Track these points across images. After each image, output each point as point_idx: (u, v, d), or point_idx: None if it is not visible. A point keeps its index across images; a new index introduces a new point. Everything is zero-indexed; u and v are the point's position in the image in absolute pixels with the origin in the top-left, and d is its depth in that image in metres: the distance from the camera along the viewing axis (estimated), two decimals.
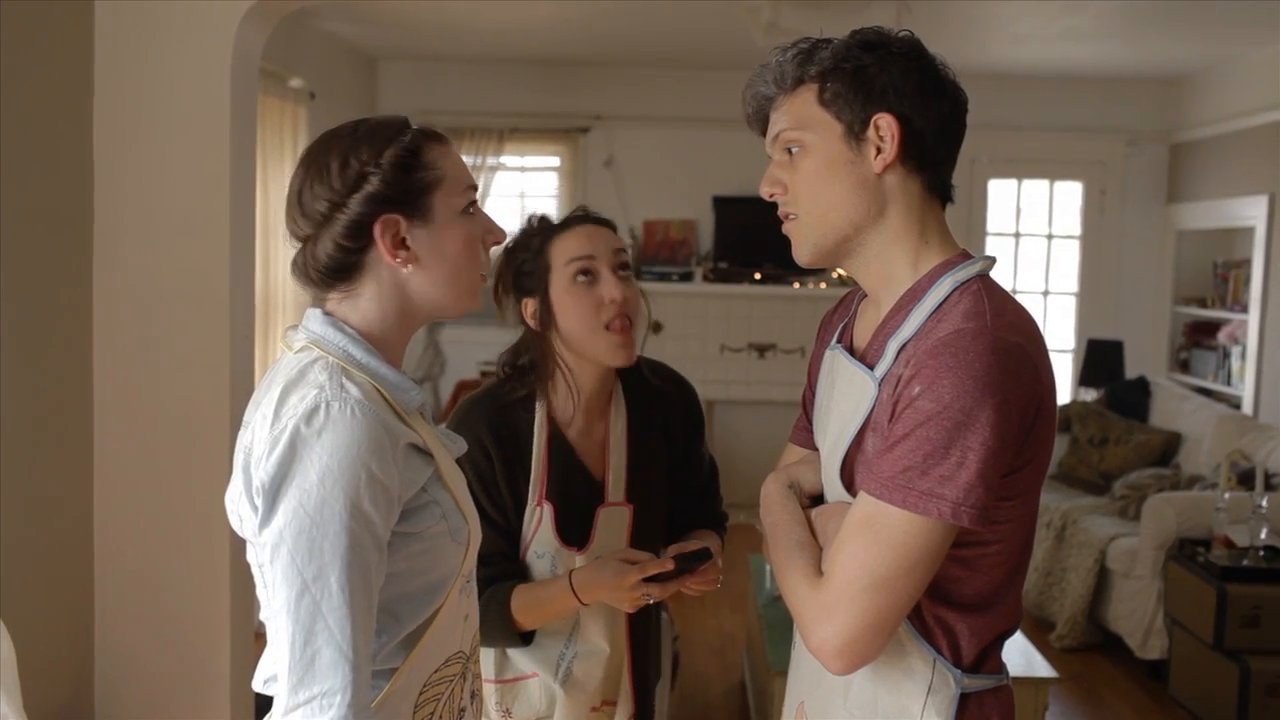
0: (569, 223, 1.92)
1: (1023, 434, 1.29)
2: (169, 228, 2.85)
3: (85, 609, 2.88)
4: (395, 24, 6.10)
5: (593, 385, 1.92)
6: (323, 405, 1.25)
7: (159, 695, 2.86)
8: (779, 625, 3.84)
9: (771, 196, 1.48)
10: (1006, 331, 1.30)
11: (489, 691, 1.94)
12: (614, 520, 1.94)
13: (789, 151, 1.45)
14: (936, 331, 1.33)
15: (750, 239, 7.02)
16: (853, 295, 1.61)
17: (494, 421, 1.89)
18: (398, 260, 1.34)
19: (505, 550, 1.89)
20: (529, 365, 1.91)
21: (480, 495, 1.85)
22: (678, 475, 2.03)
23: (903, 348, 1.37)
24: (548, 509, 1.89)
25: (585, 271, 1.85)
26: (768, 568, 4.33)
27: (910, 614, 1.37)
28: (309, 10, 5.57)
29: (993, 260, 1.43)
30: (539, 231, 1.93)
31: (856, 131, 1.39)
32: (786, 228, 1.48)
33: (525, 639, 1.88)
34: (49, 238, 2.74)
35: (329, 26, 6.18)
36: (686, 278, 7.06)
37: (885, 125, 1.38)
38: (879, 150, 1.38)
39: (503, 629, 1.85)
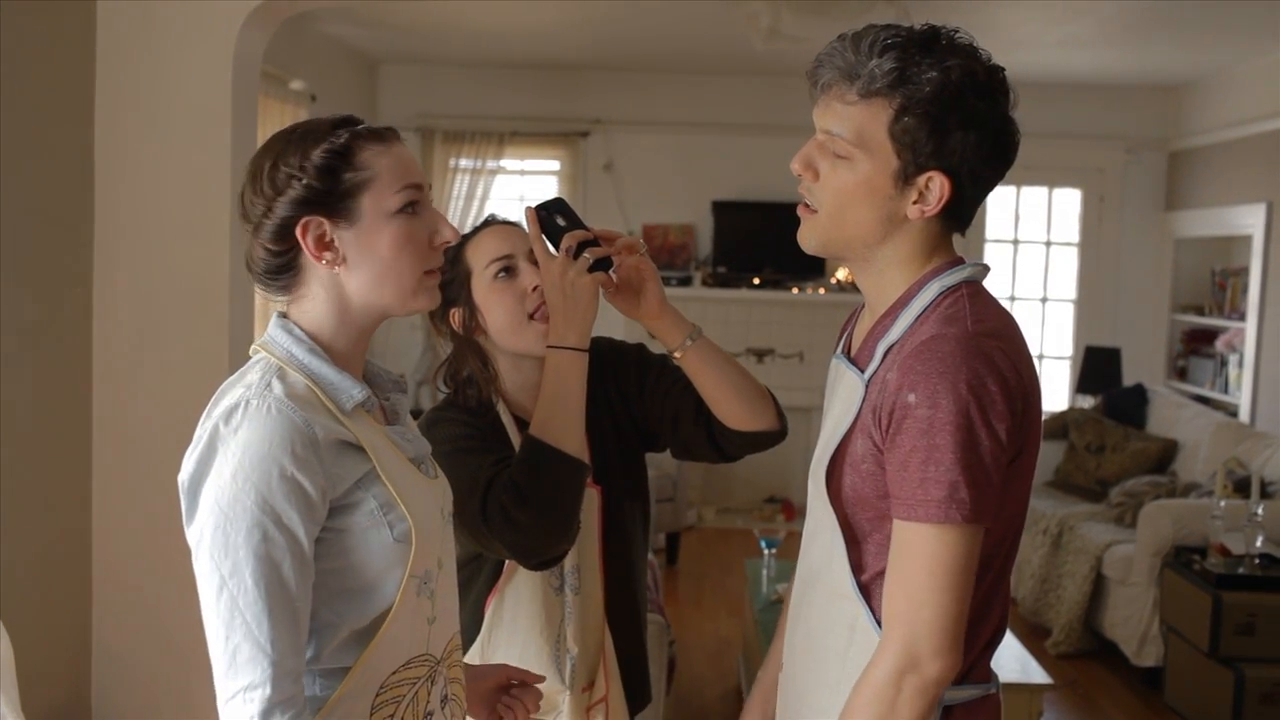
0: (479, 229, 1.92)
1: (1014, 429, 1.32)
2: (169, 231, 2.86)
3: (82, 612, 2.89)
4: (396, 27, 6.11)
5: (531, 378, 1.88)
6: (243, 404, 1.28)
7: (154, 697, 2.86)
8: (775, 630, 3.84)
9: (800, 175, 1.44)
10: (984, 334, 1.33)
11: None
12: (585, 505, 1.86)
13: (834, 151, 1.40)
14: (919, 334, 1.36)
15: (749, 243, 7.04)
16: (860, 308, 1.62)
17: (467, 416, 1.86)
18: (324, 262, 1.36)
19: None
20: (470, 376, 1.89)
21: (485, 449, 1.78)
22: (660, 401, 1.95)
23: (889, 350, 1.40)
24: None
25: (506, 269, 1.85)
26: (765, 573, 4.33)
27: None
28: (310, 13, 5.58)
29: (983, 267, 1.45)
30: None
31: (908, 175, 1.37)
32: (801, 211, 1.46)
33: (583, 463, 1.73)
34: (50, 240, 2.75)
35: (330, 29, 6.19)
36: (685, 282, 7.07)
37: (937, 186, 1.37)
38: (920, 198, 1.38)
39: (558, 467, 1.68)
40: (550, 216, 1.75)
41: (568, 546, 1.76)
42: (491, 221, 1.94)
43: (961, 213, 1.42)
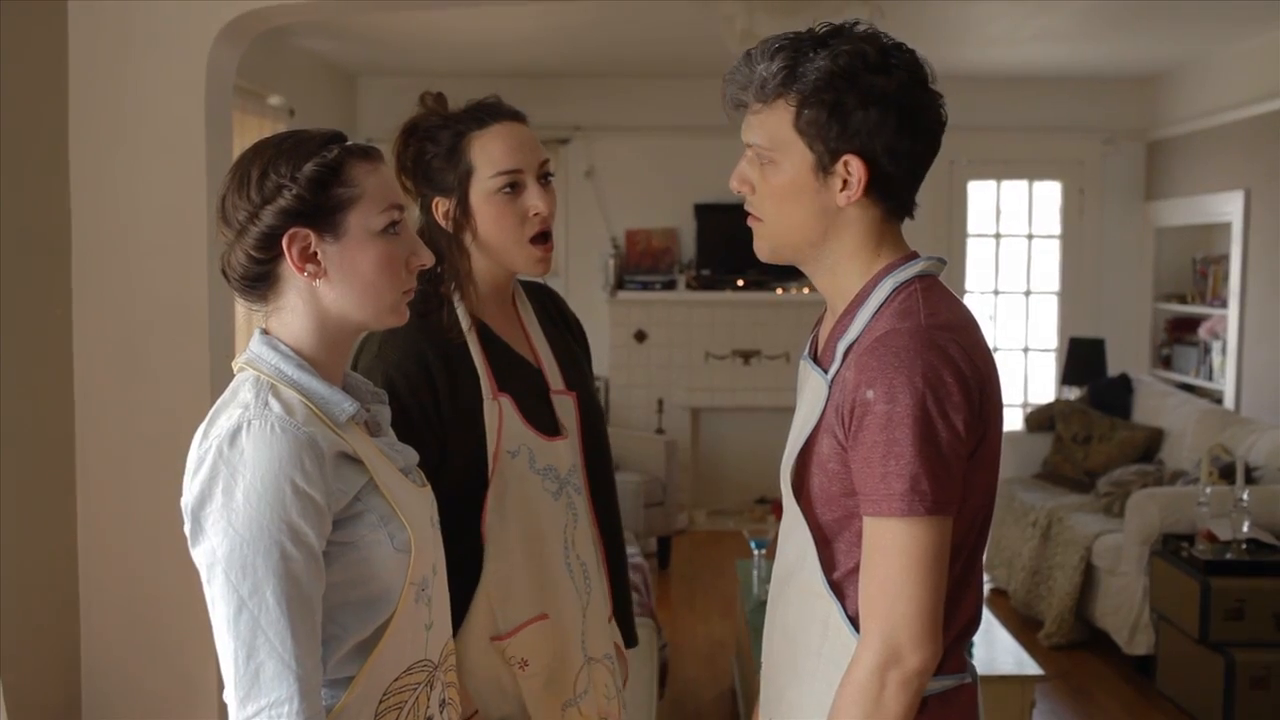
0: (486, 118, 1.83)
1: (972, 419, 1.34)
2: (147, 247, 2.86)
3: (70, 626, 2.88)
4: (374, 40, 6.10)
5: (501, 281, 1.87)
6: (244, 425, 1.29)
7: (146, 710, 2.85)
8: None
9: (739, 192, 1.52)
10: (937, 327, 1.36)
11: (496, 649, 1.77)
12: (565, 410, 1.87)
13: (760, 161, 1.47)
14: (874, 331, 1.39)
15: (732, 246, 7.04)
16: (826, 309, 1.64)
17: (425, 328, 1.77)
18: (305, 273, 1.37)
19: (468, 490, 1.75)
20: (439, 268, 1.80)
21: (428, 431, 1.72)
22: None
23: (849, 349, 1.42)
24: (506, 401, 1.78)
25: (512, 185, 1.79)
26: (755, 573, 4.33)
27: (859, 623, 1.40)
28: (287, 28, 5.57)
29: (938, 261, 1.47)
30: (449, 123, 1.83)
31: (825, 165, 1.41)
32: (751, 222, 1.52)
33: None
34: (26, 256, 2.74)
35: (307, 44, 6.19)
36: (669, 286, 7.08)
37: (854, 168, 1.40)
38: (844, 185, 1.41)
39: None
40: None
41: None
42: (501, 114, 1.84)
43: (894, 195, 1.44)
